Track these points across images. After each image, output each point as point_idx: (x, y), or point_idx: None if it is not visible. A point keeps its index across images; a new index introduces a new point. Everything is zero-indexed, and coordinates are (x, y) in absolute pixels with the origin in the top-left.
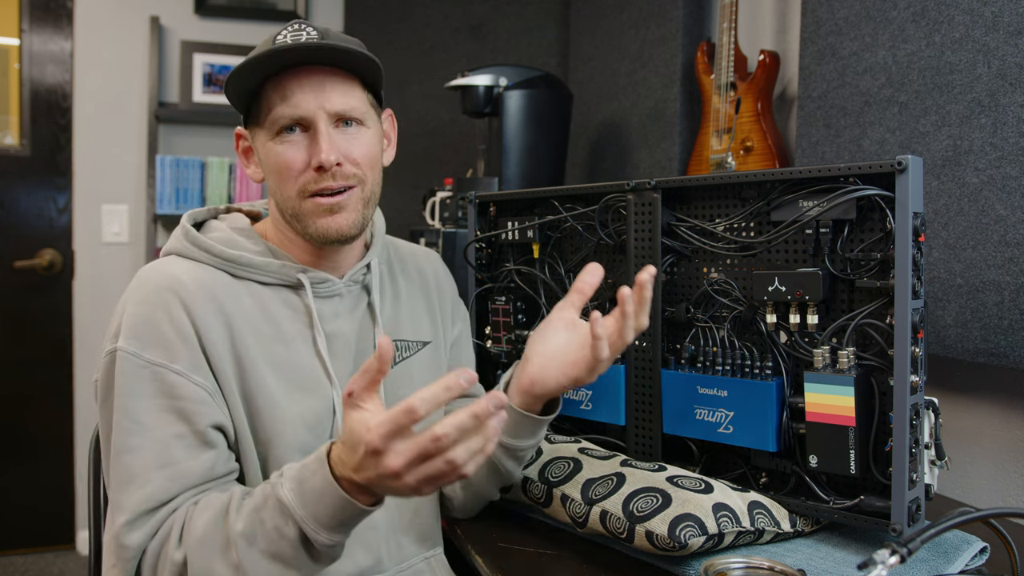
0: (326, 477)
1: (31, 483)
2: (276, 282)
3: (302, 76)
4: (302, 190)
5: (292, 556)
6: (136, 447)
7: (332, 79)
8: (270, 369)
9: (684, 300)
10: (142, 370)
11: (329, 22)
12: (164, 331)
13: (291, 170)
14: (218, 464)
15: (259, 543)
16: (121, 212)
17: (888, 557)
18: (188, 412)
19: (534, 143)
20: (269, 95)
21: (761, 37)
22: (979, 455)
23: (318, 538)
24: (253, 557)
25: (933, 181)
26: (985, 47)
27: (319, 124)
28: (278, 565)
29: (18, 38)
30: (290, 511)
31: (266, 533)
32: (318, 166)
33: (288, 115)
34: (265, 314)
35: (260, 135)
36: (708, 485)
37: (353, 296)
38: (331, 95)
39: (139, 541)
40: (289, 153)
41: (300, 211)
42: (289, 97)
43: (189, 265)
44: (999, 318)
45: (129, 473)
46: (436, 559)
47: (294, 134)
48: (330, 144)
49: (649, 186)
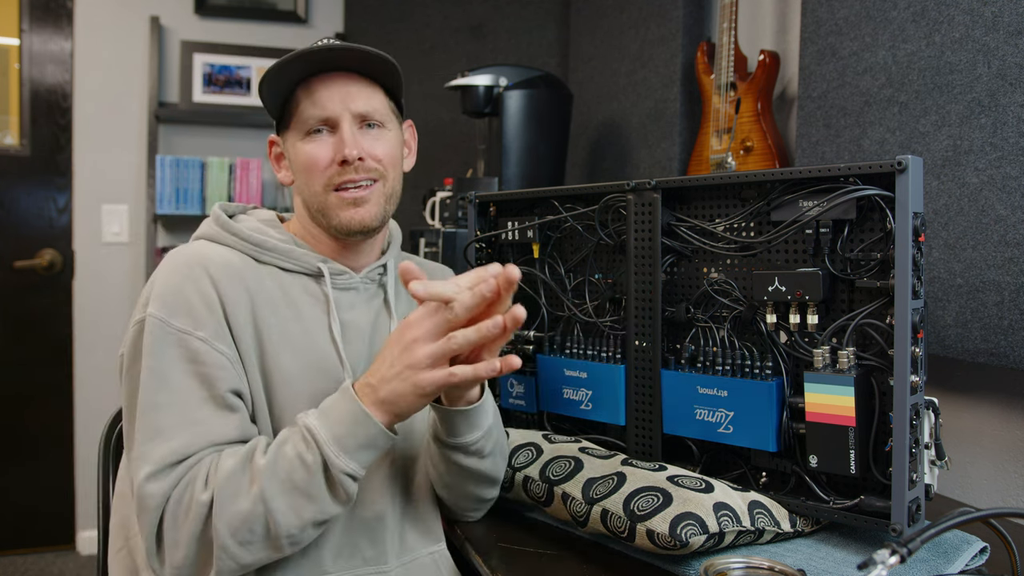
0: (349, 397)
1: (31, 483)
2: (298, 269)
3: (328, 80)
4: (327, 184)
5: (309, 484)
6: (164, 404)
7: (356, 83)
8: (287, 346)
9: (684, 300)
10: (169, 335)
11: (329, 22)
12: (191, 300)
13: (317, 165)
14: (241, 427)
15: (280, 472)
16: (121, 212)
17: (888, 557)
18: (210, 377)
19: (534, 143)
20: (299, 99)
21: (761, 37)
22: (979, 455)
23: (337, 461)
24: (275, 487)
25: (933, 181)
26: (985, 47)
27: (343, 123)
28: (297, 495)
29: (18, 38)
30: (313, 434)
31: (288, 462)
32: (342, 160)
33: (316, 116)
34: (286, 297)
35: (290, 137)
36: (708, 485)
37: (369, 292)
38: (355, 97)
39: (163, 490)
40: (316, 150)
41: (325, 204)
42: (317, 99)
43: (218, 248)
44: (999, 318)
45: (156, 428)
46: (440, 554)
47: (321, 134)
48: (353, 140)
49: (649, 186)
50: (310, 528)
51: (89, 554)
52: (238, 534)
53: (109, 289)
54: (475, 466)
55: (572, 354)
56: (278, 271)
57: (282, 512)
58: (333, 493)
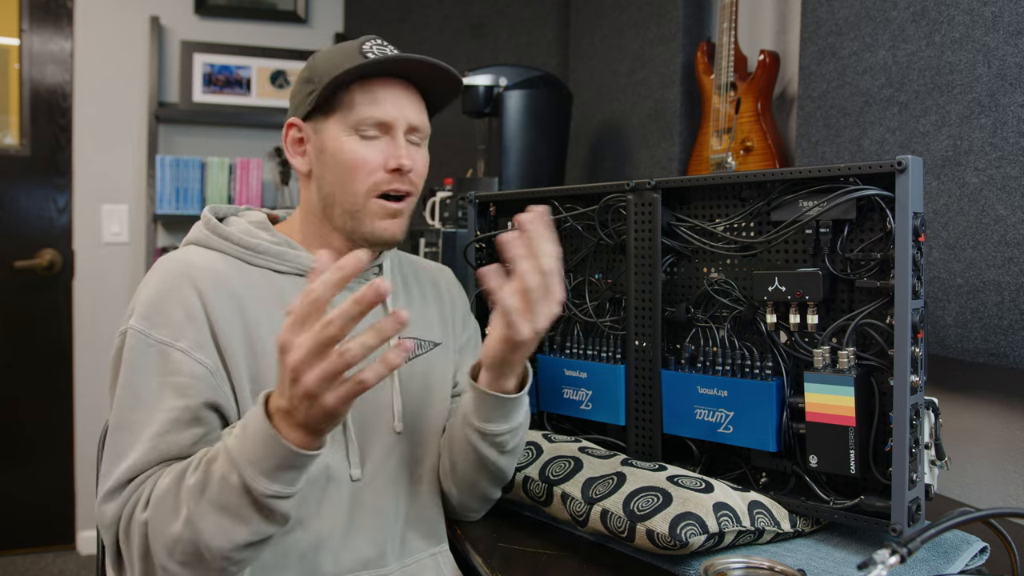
0: (259, 417)
1: (31, 483)
2: (291, 271)
3: (389, 86)
4: (373, 188)
5: (238, 506)
6: (133, 423)
7: (411, 95)
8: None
9: (684, 300)
10: (149, 348)
11: (329, 22)
12: (173, 311)
13: (367, 166)
14: (201, 442)
15: (208, 493)
16: (121, 212)
17: (888, 557)
18: (184, 387)
19: (534, 143)
20: (355, 95)
21: (761, 37)
22: (979, 455)
23: (255, 485)
24: (202, 508)
25: (933, 181)
26: (985, 47)
27: (399, 130)
28: (226, 517)
29: (18, 38)
30: (231, 456)
31: (214, 483)
32: (396, 167)
33: (374, 117)
34: (279, 299)
35: (330, 128)
36: (708, 485)
37: None
38: (411, 108)
39: (115, 510)
40: (367, 151)
41: (363, 209)
42: (378, 101)
43: (207, 253)
44: (999, 318)
45: (121, 447)
46: (443, 555)
47: (373, 136)
48: (407, 150)
49: (649, 186)
50: (244, 550)
51: (89, 554)
52: (175, 555)
53: (109, 289)
54: (493, 459)
55: (572, 354)
56: (271, 272)
57: (210, 534)
58: (264, 515)
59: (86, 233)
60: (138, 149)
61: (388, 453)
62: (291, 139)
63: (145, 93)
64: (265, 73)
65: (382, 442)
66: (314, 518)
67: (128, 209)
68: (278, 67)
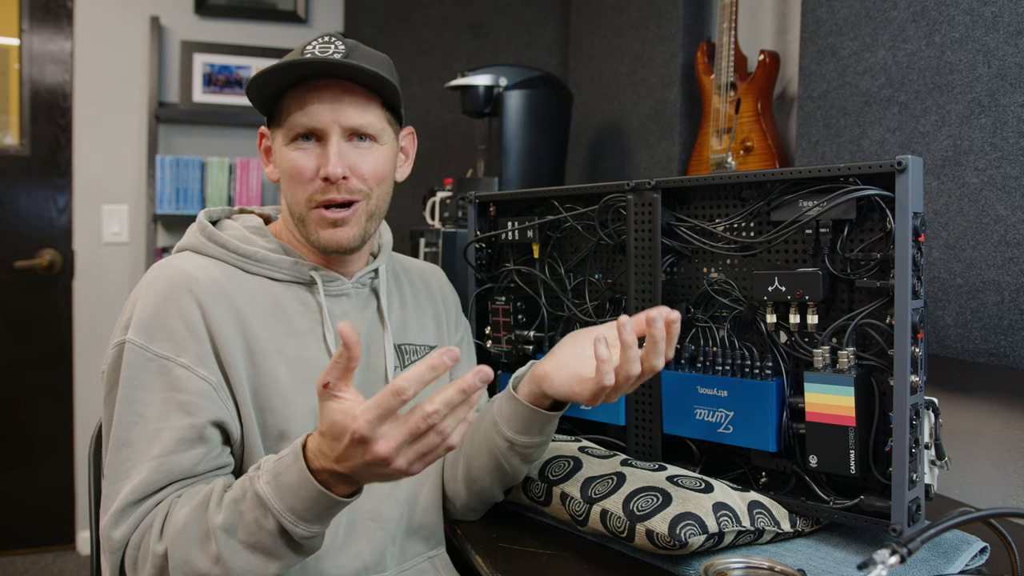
0: (302, 471)
1: (31, 483)
2: (289, 279)
3: (322, 89)
4: (309, 199)
5: (272, 546)
6: (135, 440)
7: (350, 95)
8: (282, 362)
9: (684, 300)
10: (149, 363)
11: (329, 22)
12: (173, 325)
13: (301, 176)
14: (205, 461)
15: (239, 534)
16: (121, 212)
17: (888, 557)
18: (190, 405)
19: (534, 143)
20: (289, 102)
21: (761, 37)
22: (979, 455)
23: (296, 530)
24: (233, 547)
25: (933, 181)
26: (985, 47)
27: (331, 137)
28: (258, 555)
29: (18, 38)
30: (267, 504)
31: (246, 525)
32: (325, 177)
33: (303, 124)
34: (277, 309)
35: (278, 138)
36: (708, 485)
37: (361, 298)
38: (347, 110)
39: (123, 534)
40: (301, 160)
41: (306, 218)
42: (307, 107)
43: (203, 261)
44: (999, 318)
45: (125, 466)
46: (440, 558)
47: (308, 142)
48: (338, 157)
49: (649, 186)
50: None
51: (89, 554)
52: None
53: (109, 289)
54: (517, 468)
55: None
56: (268, 281)
57: (241, 570)
58: (297, 551)
59: (86, 233)
60: (138, 149)
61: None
62: (263, 148)
63: (145, 93)
64: None
65: None
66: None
67: (128, 209)
68: None
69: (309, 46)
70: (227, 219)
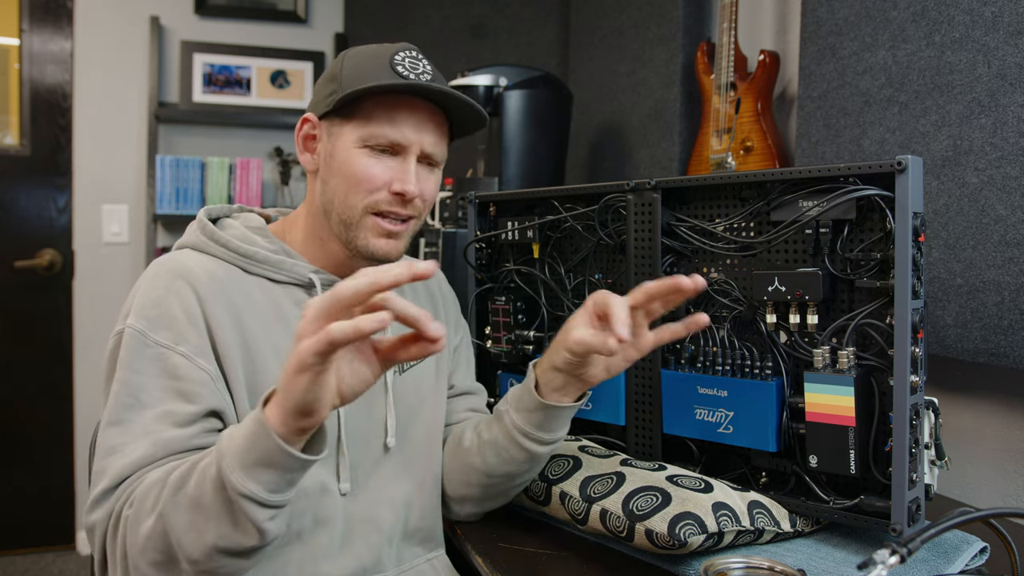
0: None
1: (31, 483)
2: (288, 280)
3: (413, 107)
4: (371, 205)
5: (209, 504)
6: (129, 420)
7: (434, 120)
8: (278, 361)
9: (684, 300)
10: (147, 350)
11: (329, 22)
12: (174, 314)
13: (371, 184)
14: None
15: (186, 487)
16: (121, 212)
17: (888, 557)
18: (189, 393)
19: (534, 143)
20: (374, 108)
21: (761, 37)
22: (979, 455)
23: (231, 477)
24: (177, 501)
25: (933, 181)
26: (985, 47)
27: (411, 156)
28: (197, 514)
29: (18, 38)
30: (220, 447)
31: (195, 476)
32: (400, 192)
33: (390, 137)
34: (275, 309)
35: (344, 134)
36: (708, 484)
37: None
38: (430, 135)
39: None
40: (375, 168)
41: (358, 224)
42: (397, 121)
43: (202, 258)
44: (999, 318)
45: (115, 442)
46: (439, 560)
47: (385, 154)
48: (415, 177)
49: (649, 186)
50: (219, 556)
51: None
52: (145, 552)
53: (109, 289)
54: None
55: None
56: (267, 281)
57: (182, 531)
58: (233, 520)
59: (86, 233)
60: (138, 149)
61: (380, 467)
62: (303, 134)
63: (145, 93)
64: (265, 73)
65: (374, 456)
66: (309, 532)
67: (128, 209)
68: (278, 67)
69: (397, 56)
70: (227, 218)
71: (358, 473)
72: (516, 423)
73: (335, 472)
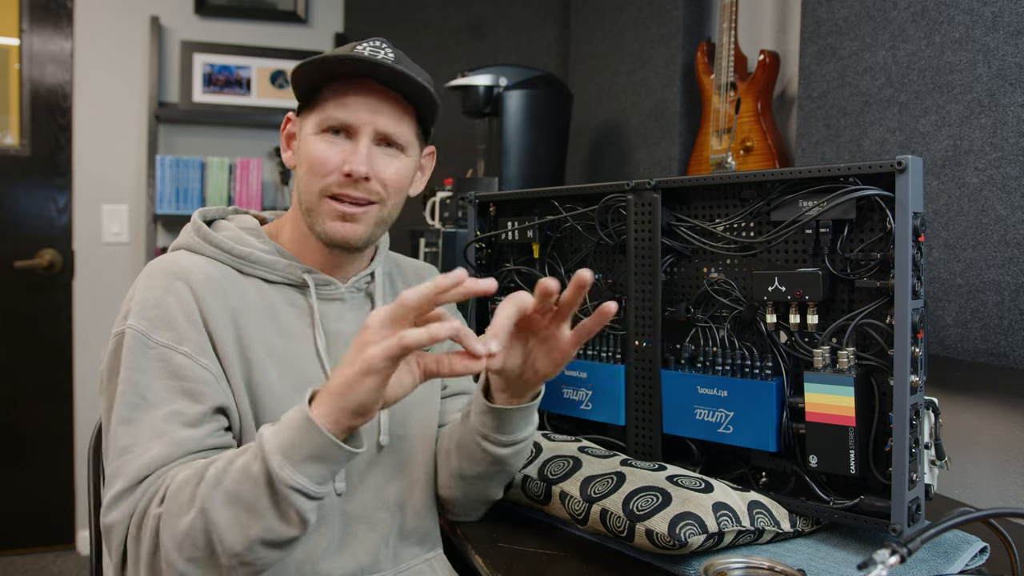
0: (301, 407)
1: (31, 483)
2: (282, 280)
3: (364, 89)
4: (324, 189)
5: (253, 498)
6: (137, 419)
7: (390, 101)
8: (272, 361)
9: (684, 300)
10: (150, 350)
11: (329, 22)
12: (173, 314)
13: (323, 167)
14: (212, 436)
15: (224, 483)
16: (121, 212)
17: (888, 557)
18: (195, 392)
19: (534, 143)
20: (327, 93)
21: (761, 37)
22: (979, 455)
23: (281, 473)
24: (216, 498)
25: (933, 181)
26: (985, 47)
27: (362, 136)
28: (240, 510)
29: (18, 38)
30: (261, 444)
31: (233, 473)
32: (348, 172)
33: (338, 118)
34: (270, 310)
35: (307, 125)
36: (708, 484)
37: (356, 302)
38: (385, 115)
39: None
40: (326, 151)
41: (317, 208)
42: (345, 102)
43: (198, 259)
44: (999, 318)
45: (126, 441)
46: (437, 559)
47: (338, 136)
48: (365, 157)
49: (649, 186)
50: (260, 548)
51: (89, 554)
52: (183, 549)
53: (109, 289)
54: (513, 465)
55: None
56: (262, 282)
57: (225, 526)
58: (280, 512)
59: (86, 233)
60: (138, 149)
61: (374, 466)
62: (286, 132)
63: (145, 93)
64: (265, 73)
65: (367, 455)
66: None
67: (128, 209)
68: (278, 67)
69: (360, 46)
70: (222, 219)
71: (352, 472)
72: (475, 426)
73: None
